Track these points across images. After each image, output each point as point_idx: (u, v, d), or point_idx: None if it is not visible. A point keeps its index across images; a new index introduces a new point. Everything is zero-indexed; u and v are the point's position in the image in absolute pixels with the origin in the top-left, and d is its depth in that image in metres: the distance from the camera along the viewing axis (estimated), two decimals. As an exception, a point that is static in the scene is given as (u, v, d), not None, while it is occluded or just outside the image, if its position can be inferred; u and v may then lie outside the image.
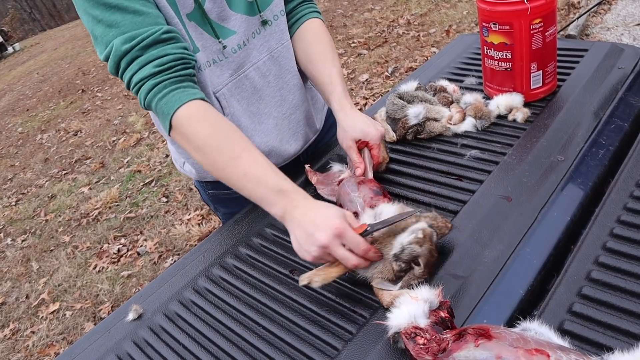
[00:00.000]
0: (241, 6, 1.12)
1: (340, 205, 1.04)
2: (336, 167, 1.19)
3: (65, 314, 2.91)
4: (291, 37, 1.26)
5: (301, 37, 1.25)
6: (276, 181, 0.91)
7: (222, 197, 1.33)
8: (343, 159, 1.22)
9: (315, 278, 0.81)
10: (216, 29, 1.08)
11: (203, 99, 0.97)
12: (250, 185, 0.92)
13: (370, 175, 1.10)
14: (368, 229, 0.86)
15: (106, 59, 0.95)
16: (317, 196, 1.13)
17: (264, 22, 1.15)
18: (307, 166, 1.21)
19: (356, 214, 0.96)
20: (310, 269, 0.97)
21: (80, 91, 7.14)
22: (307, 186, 1.18)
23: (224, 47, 1.05)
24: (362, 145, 1.13)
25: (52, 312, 2.96)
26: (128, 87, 0.97)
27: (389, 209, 0.92)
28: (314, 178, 1.18)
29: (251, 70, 1.16)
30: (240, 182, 0.93)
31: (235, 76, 1.15)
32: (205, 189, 1.36)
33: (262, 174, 0.92)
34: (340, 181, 1.12)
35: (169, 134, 0.97)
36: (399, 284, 0.84)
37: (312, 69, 1.23)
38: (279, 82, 1.22)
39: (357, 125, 1.12)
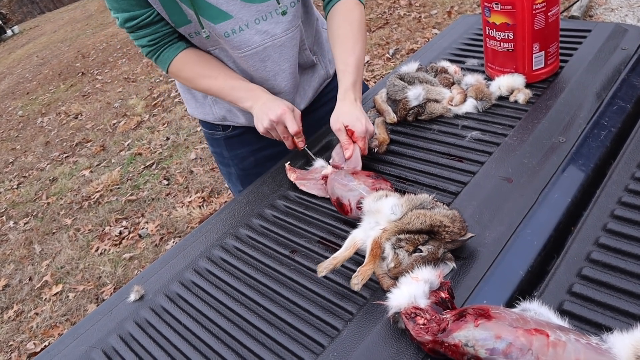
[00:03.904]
0: None
1: (336, 201, 1.03)
2: (319, 162, 1.17)
3: (68, 296, 2.93)
4: (326, 16, 1.30)
5: (332, 17, 1.28)
6: (246, 85, 1.25)
7: (208, 135, 1.52)
8: (327, 157, 1.20)
9: (355, 281, 0.81)
10: (209, 12, 1.13)
11: (185, 49, 1.24)
12: (229, 91, 1.25)
13: (359, 167, 1.10)
14: (305, 147, 1.19)
15: (116, 21, 1.22)
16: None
17: (282, 11, 1.20)
18: (287, 164, 1.19)
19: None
20: (310, 251, 0.97)
21: (80, 74, 7.11)
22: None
23: (207, 36, 1.19)
24: (349, 133, 1.12)
25: (55, 294, 2.98)
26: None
27: (396, 200, 0.89)
28: (292, 175, 1.16)
29: (249, 53, 1.21)
30: (223, 91, 1.25)
31: (230, 57, 1.22)
32: (202, 127, 1.53)
33: (236, 83, 1.25)
34: (325, 177, 1.10)
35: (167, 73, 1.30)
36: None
37: (334, 52, 1.26)
38: (275, 68, 1.26)
39: (349, 113, 1.14)
